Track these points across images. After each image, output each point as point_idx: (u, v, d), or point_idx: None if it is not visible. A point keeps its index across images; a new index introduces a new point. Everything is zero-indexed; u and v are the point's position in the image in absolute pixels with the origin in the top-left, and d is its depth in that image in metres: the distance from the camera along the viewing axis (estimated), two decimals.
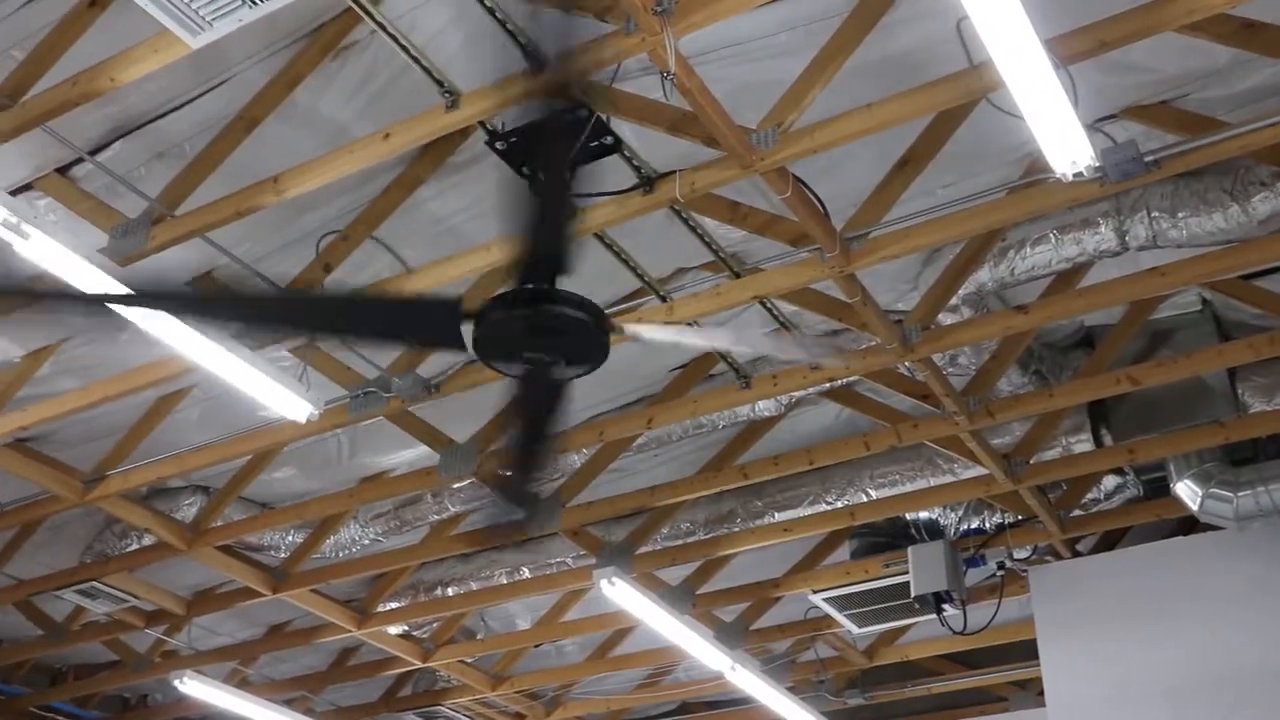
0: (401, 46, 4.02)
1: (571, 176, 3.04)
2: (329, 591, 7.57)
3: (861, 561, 7.05)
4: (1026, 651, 7.42)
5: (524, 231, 3.02)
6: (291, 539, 7.24)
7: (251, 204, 4.41)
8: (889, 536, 7.08)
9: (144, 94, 4.42)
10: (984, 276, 5.10)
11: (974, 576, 7.03)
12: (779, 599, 7.66)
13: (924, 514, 6.89)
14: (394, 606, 7.77)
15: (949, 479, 6.29)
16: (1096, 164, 3.94)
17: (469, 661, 8.60)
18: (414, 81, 4.26)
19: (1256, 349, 5.19)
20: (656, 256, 5.21)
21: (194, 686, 7.69)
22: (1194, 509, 6.08)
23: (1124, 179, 4.13)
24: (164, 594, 7.67)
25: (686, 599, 7.34)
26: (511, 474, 3.86)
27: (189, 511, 6.85)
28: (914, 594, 6.59)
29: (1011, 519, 6.74)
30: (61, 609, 8.15)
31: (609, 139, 4.18)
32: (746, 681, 7.48)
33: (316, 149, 4.39)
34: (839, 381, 5.73)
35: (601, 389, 6.02)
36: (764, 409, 5.98)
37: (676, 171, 4.33)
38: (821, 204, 4.49)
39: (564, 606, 8.12)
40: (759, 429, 6.42)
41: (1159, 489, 6.45)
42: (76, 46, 4.10)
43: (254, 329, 4.32)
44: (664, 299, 5.19)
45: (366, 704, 9.45)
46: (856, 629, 7.43)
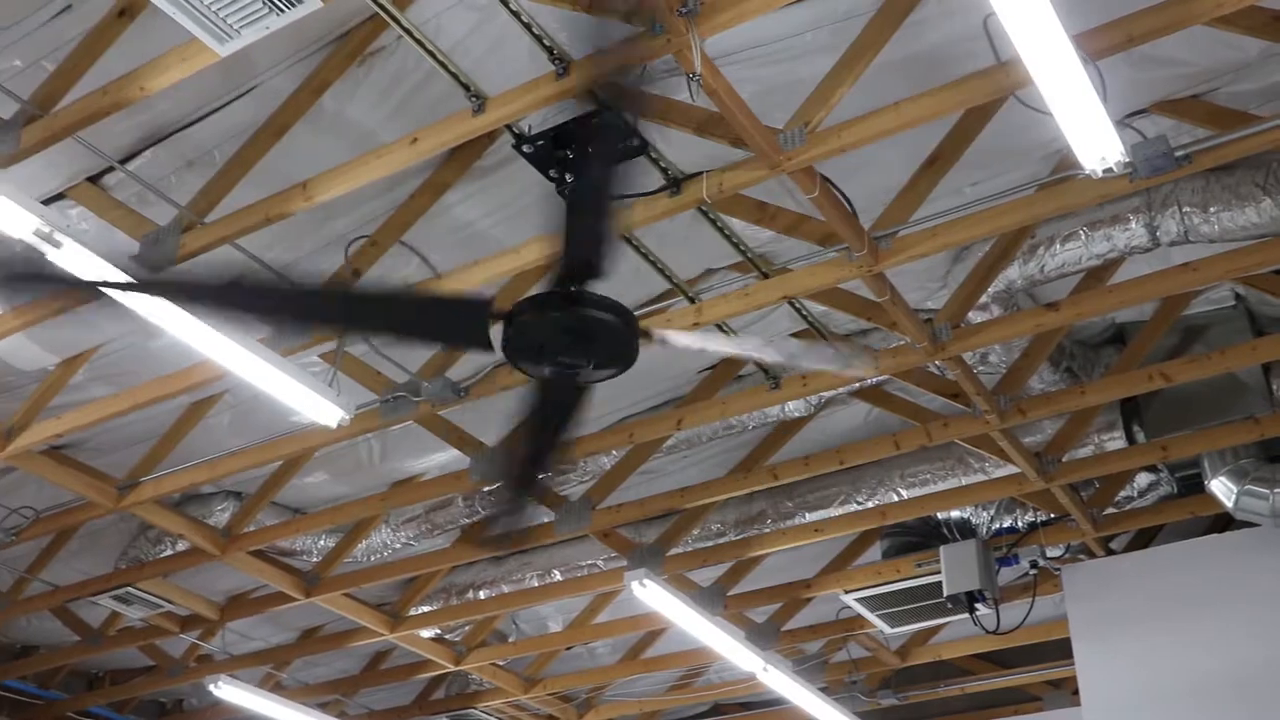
0: (428, 51, 4.03)
1: (611, 180, 3.04)
2: (361, 595, 7.60)
3: (893, 561, 7.03)
4: (1060, 650, 7.39)
5: (561, 234, 3.02)
6: (323, 543, 7.28)
7: (280, 210, 4.43)
8: (920, 536, 7.05)
9: (173, 102, 4.45)
10: (1013, 274, 5.08)
11: (1007, 575, 7.00)
12: (811, 600, 7.64)
13: (955, 513, 6.86)
14: (426, 610, 7.80)
15: (980, 478, 6.26)
16: (1126, 160, 3.91)
17: (501, 664, 8.62)
18: (440, 86, 4.27)
19: None
20: (685, 258, 5.21)
21: (228, 691, 7.73)
22: (1229, 506, 6.03)
23: (1154, 174, 4.11)
24: (198, 599, 7.72)
25: (718, 600, 7.33)
26: (515, 476, 3.85)
27: (221, 517, 6.89)
28: (946, 593, 6.56)
29: (1044, 517, 6.70)
30: (97, 615, 8.22)
31: (636, 141, 4.17)
32: (779, 682, 7.47)
33: (344, 155, 4.40)
34: (869, 381, 5.72)
35: (630, 391, 6.02)
36: (793, 409, 5.96)
37: (704, 173, 4.33)
38: (849, 203, 4.47)
39: (595, 609, 8.12)
40: (789, 429, 6.42)
41: (1193, 486, 6.41)
42: (106, 56, 4.13)
43: (284, 325, 4.33)
44: (692, 300, 5.19)
45: (400, 707, 9.49)
46: (889, 629, 7.41)
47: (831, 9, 4.21)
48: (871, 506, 6.54)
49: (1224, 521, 6.68)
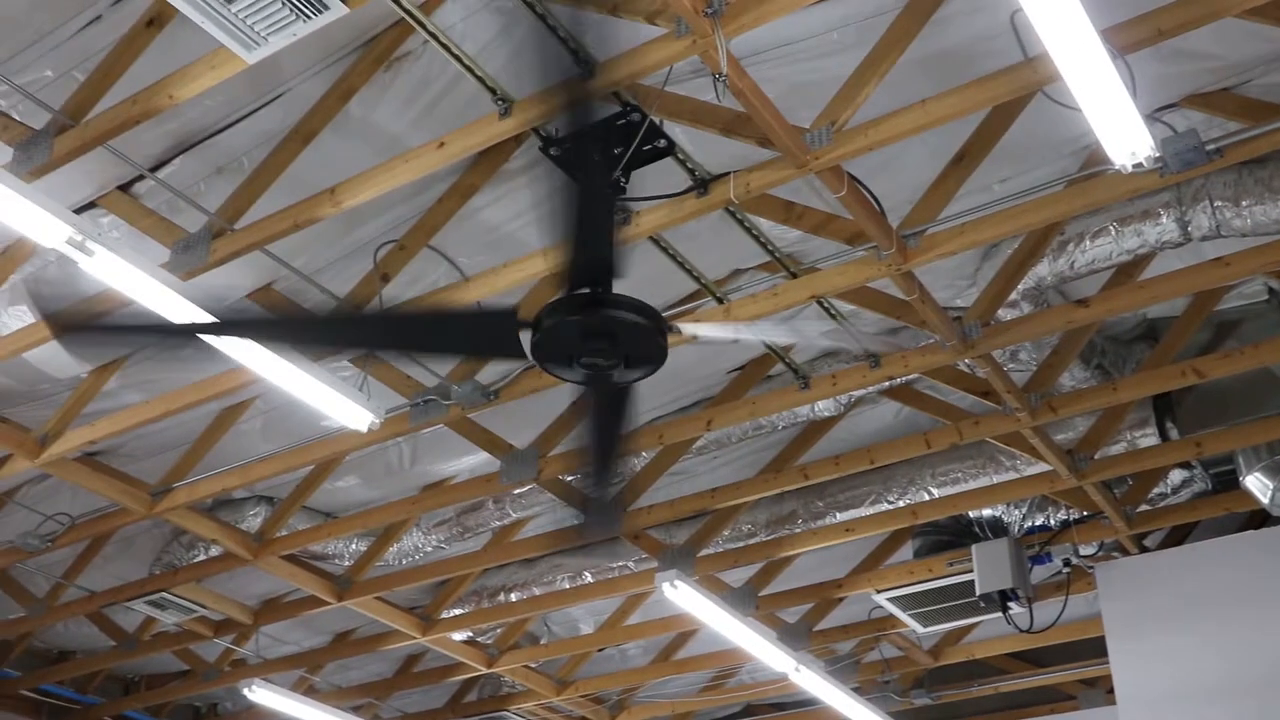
0: (454, 55, 4.04)
1: (616, 179, 3.05)
2: (393, 599, 7.62)
3: (925, 560, 7.00)
4: (1095, 649, 7.33)
5: (569, 236, 3.03)
6: (355, 547, 7.31)
7: (309, 216, 4.46)
8: (952, 535, 7.02)
9: (202, 110, 4.48)
10: (1043, 271, 5.05)
11: (1040, 574, 6.96)
12: (842, 599, 7.62)
13: (987, 511, 6.83)
14: (458, 613, 7.82)
15: (1012, 476, 6.23)
16: (1156, 154, 3.88)
17: (533, 666, 8.63)
18: (467, 90, 4.29)
19: None
20: (712, 258, 5.21)
21: (263, 694, 7.77)
22: (1265, 502, 5.98)
23: (1185, 169, 4.07)
24: (231, 604, 7.76)
25: (749, 601, 7.32)
26: (589, 479, 3.89)
27: (254, 522, 6.93)
28: (979, 592, 6.53)
29: (1077, 515, 6.66)
30: (132, 620, 8.28)
31: (662, 142, 4.18)
32: (811, 683, 7.45)
33: (371, 160, 4.42)
34: (898, 380, 5.69)
35: (660, 392, 6.02)
36: (823, 409, 5.95)
37: (731, 173, 4.32)
38: (877, 201, 4.46)
39: (627, 610, 8.12)
40: (819, 429, 6.40)
41: (1228, 482, 6.36)
42: (136, 65, 4.16)
43: (316, 350, 4.38)
44: (721, 301, 5.18)
45: (433, 710, 9.52)
46: (921, 628, 7.38)
47: (857, 7, 4.20)
48: (903, 506, 6.51)
49: (1260, 518, 6.63)
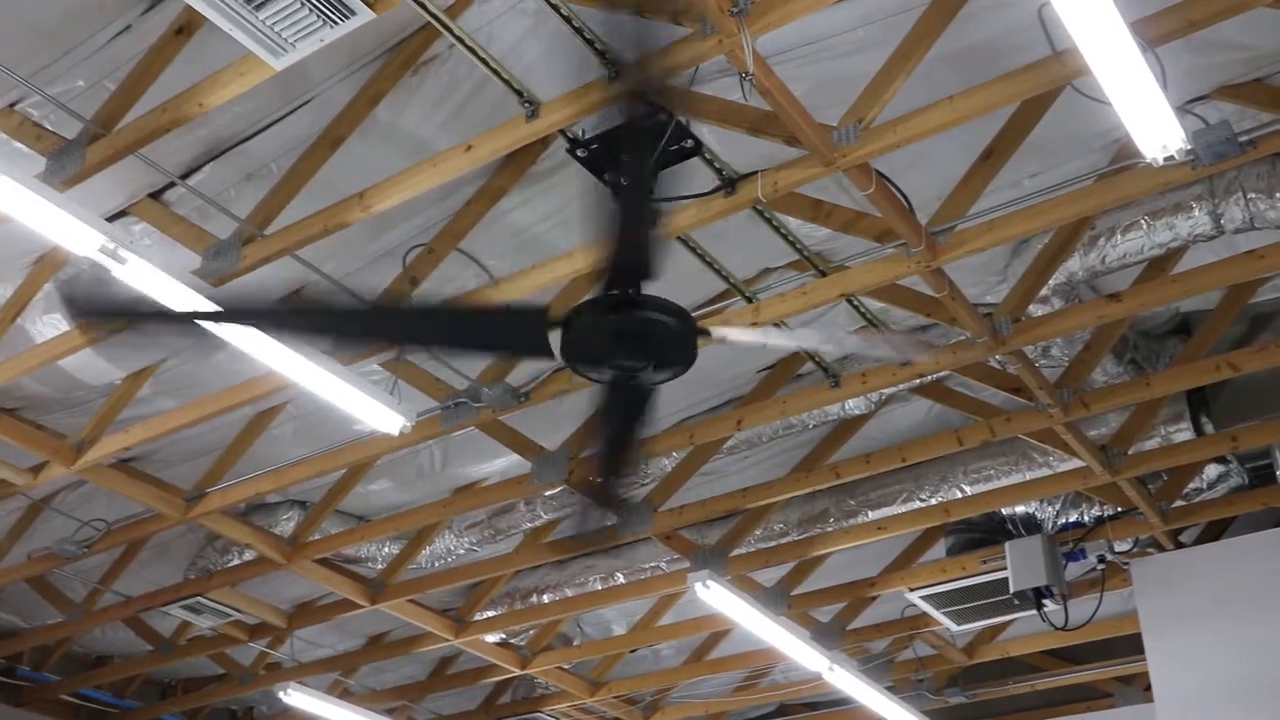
0: (481, 59, 4.05)
1: (653, 181, 3.04)
2: (426, 601, 7.65)
3: (958, 558, 6.97)
4: (1131, 646, 7.28)
5: (607, 238, 3.03)
6: (388, 550, 7.33)
7: (339, 221, 4.48)
8: (985, 532, 6.98)
9: (231, 117, 4.50)
10: (1074, 266, 5.02)
11: (1074, 570, 6.91)
12: (875, 598, 7.60)
13: (1020, 508, 6.79)
14: (490, 615, 7.83)
15: (1045, 472, 6.19)
16: (1188, 147, 3.85)
17: (566, 668, 8.64)
18: (494, 93, 4.29)
19: None
20: (741, 258, 5.20)
21: (298, 698, 7.82)
22: None
23: (1217, 161, 4.04)
24: (265, 608, 7.80)
25: (782, 600, 7.30)
26: (598, 479, 3.87)
27: (287, 526, 6.97)
28: (1013, 590, 6.49)
29: (1111, 511, 6.61)
30: (168, 624, 8.34)
31: (689, 142, 4.17)
32: (845, 682, 7.43)
33: (400, 164, 4.43)
34: (929, 377, 5.66)
35: (690, 392, 6.01)
36: (854, 407, 5.93)
37: (758, 172, 4.32)
38: (906, 198, 4.44)
39: (659, 611, 8.13)
40: (849, 427, 6.38)
41: (1265, 477, 6.30)
42: (165, 74, 4.18)
43: (344, 342, 4.37)
44: (750, 300, 5.18)
45: (467, 712, 9.54)
46: (955, 626, 7.35)
47: (883, 4, 4.18)
48: (935, 503, 6.49)
49: None
